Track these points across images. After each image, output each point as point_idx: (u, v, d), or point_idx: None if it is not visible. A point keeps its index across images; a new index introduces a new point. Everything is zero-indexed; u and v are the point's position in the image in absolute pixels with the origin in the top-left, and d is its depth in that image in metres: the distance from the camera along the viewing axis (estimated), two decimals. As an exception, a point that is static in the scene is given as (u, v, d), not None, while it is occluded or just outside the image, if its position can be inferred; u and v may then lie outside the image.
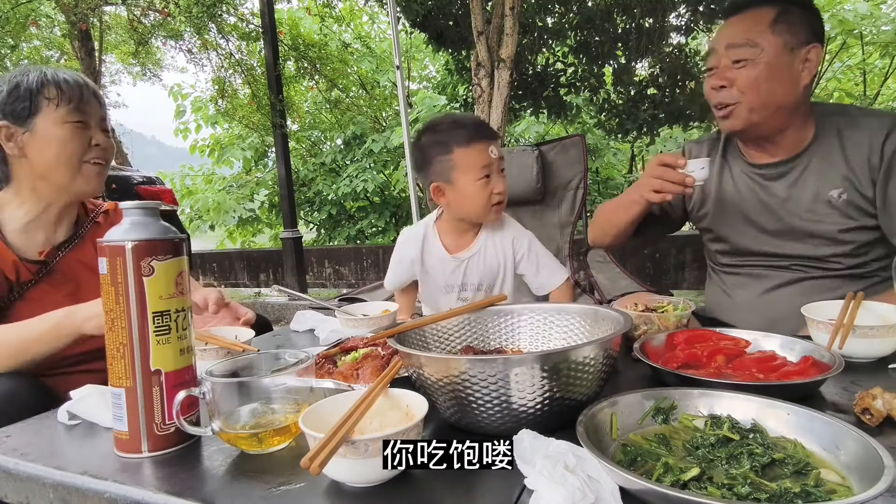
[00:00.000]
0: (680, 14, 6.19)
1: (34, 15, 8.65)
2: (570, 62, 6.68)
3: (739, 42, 1.26)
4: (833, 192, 1.30)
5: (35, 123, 1.22)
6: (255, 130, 9.13)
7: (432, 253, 1.48)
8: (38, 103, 1.22)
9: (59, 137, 1.23)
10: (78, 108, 1.25)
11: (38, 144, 1.22)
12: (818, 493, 0.54)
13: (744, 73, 1.27)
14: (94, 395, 0.86)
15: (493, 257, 1.46)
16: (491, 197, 1.35)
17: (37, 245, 1.28)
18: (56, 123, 1.23)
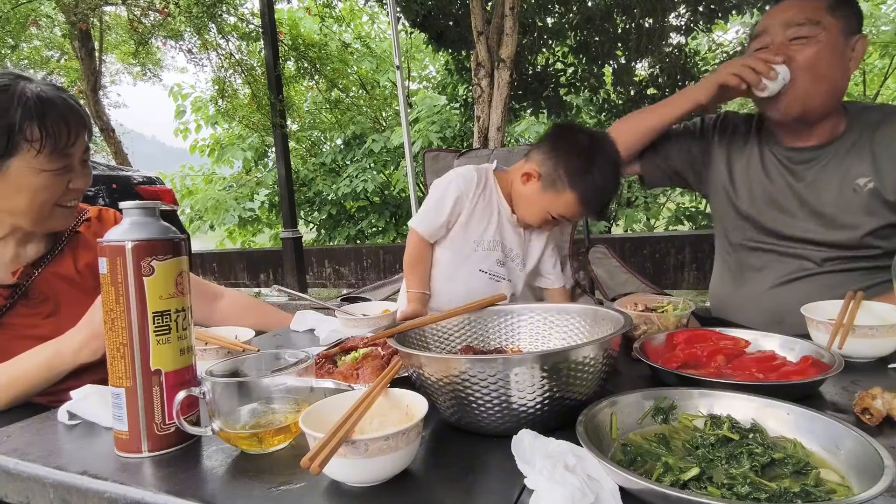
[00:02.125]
0: (680, 14, 6.19)
1: (34, 15, 8.66)
2: (570, 62, 6.69)
3: (800, 20, 1.24)
4: (860, 179, 1.31)
5: (8, 165, 1.03)
6: (255, 130, 9.14)
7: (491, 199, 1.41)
8: (17, 144, 1.02)
9: (33, 187, 1.06)
10: (61, 152, 1.07)
11: (7, 188, 1.05)
12: (818, 492, 0.54)
13: (803, 50, 1.24)
14: (94, 395, 0.86)
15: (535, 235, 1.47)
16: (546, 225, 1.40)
17: (5, 265, 1.14)
18: (32, 171, 1.05)
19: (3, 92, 1.03)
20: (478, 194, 1.39)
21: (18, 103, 1.02)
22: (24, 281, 1.15)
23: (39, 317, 1.15)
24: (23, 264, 1.16)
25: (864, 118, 1.34)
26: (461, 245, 1.40)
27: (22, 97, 1.03)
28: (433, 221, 1.39)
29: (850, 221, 1.32)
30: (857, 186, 1.31)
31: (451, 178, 1.40)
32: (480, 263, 1.39)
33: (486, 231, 1.39)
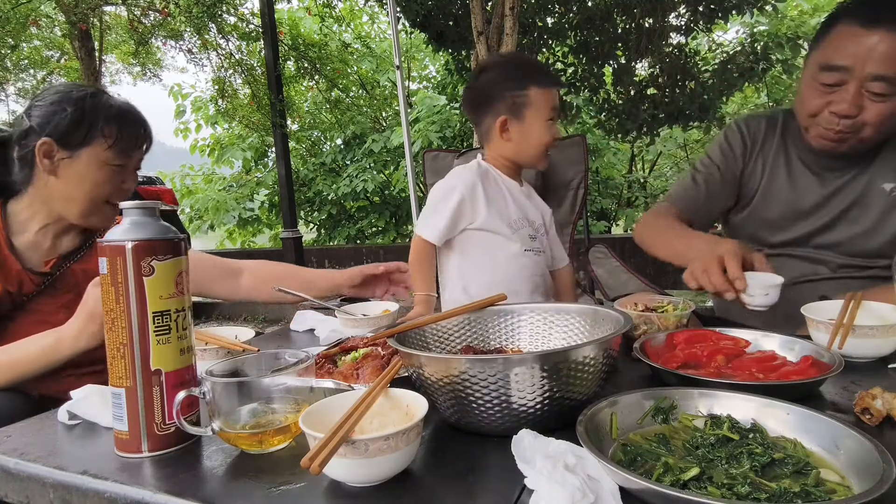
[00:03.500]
0: (680, 14, 6.19)
1: (34, 15, 8.66)
2: (570, 62, 6.68)
3: (890, 75, 1.09)
4: (887, 185, 1.25)
5: (80, 154, 1.18)
6: (255, 130, 9.14)
7: (499, 184, 1.41)
8: (93, 137, 1.18)
9: (96, 178, 1.20)
10: (127, 153, 1.22)
11: (72, 175, 1.19)
12: (818, 492, 0.54)
13: (877, 107, 1.13)
14: (94, 394, 0.86)
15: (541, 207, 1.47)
16: (552, 140, 1.36)
17: (41, 254, 1.25)
18: (99, 164, 1.19)
19: (94, 97, 1.20)
20: (485, 186, 1.39)
21: (105, 107, 1.19)
22: (54, 271, 1.26)
23: (59, 304, 1.22)
24: (56, 255, 1.26)
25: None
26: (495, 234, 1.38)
27: (108, 103, 1.20)
28: (436, 225, 1.37)
29: (871, 226, 1.28)
30: (883, 191, 1.25)
31: (454, 183, 1.39)
32: (524, 245, 1.40)
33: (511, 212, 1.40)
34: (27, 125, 1.18)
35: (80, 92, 1.20)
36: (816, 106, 1.20)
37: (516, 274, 1.38)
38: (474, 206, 1.37)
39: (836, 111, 1.16)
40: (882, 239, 1.29)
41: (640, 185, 9.95)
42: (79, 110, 1.17)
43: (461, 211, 1.36)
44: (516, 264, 1.38)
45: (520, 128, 1.35)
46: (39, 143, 1.16)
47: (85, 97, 1.18)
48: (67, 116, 1.16)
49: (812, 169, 1.35)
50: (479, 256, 1.40)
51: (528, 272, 1.38)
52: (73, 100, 1.17)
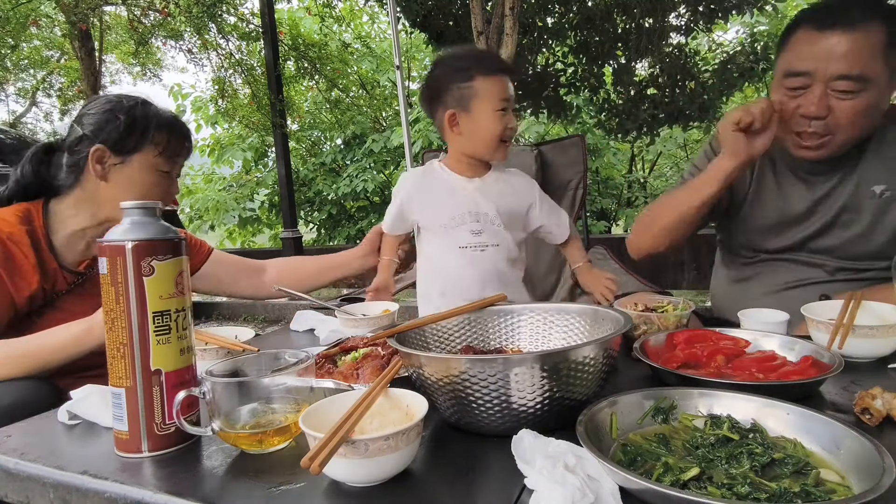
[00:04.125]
0: (680, 14, 6.19)
1: (34, 15, 8.66)
2: (570, 62, 6.68)
3: (852, 74, 1.11)
4: (876, 187, 1.25)
5: (132, 160, 1.23)
6: (255, 130, 9.13)
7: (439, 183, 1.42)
8: (145, 143, 1.23)
9: (146, 182, 1.25)
10: (174, 159, 1.29)
11: (123, 179, 1.23)
12: (818, 492, 0.54)
13: (847, 105, 1.14)
14: (95, 394, 0.86)
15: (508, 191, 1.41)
16: (505, 131, 1.33)
17: (77, 254, 1.29)
18: (149, 169, 1.25)
19: (144, 106, 1.26)
20: (423, 188, 1.41)
21: (155, 115, 1.26)
22: (87, 271, 1.31)
23: (88, 304, 1.23)
24: (91, 256, 1.31)
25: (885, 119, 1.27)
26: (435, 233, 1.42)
27: (158, 112, 1.27)
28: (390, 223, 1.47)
29: (865, 230, 1.28)
30: (873, 193, 1.26)
31: (397, 188, 1.46)
32: (459, 242, 1.38)
33: (447, 210, 1.39)
34: (79, 133, 1.22)
35: (131, 101, 1.25)
36: (786, 111, 1.21)
37: (459, 271, 1.38)
38: (412, 209, 1.43)
39: (805, 113, 1.18)
40: (878, 241, 1.29)
41: (640, 185, 9.95)
42: (131, 118, 1.22)
43: (401, 213, 1.44)
44: (456, 262, 1.38)
45: (468, 120, 1.33)
46: (93, 150, 1.20)
47: (136, 106, 1.24)
48: (121, 124, 1.21)
49: (798, 175, 1.36)
50: (426, 254, 1.45)
51: (475, 268, 1.36)
52: (125, 108, 1.23)
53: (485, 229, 1.37)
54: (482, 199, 1.37)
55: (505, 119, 1.32)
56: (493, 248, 1.38)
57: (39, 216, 1.25)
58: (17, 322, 1.19)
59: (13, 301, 1.17)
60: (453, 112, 1.34)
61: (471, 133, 1.34)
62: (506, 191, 1.40)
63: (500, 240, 1.38)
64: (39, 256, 1.22)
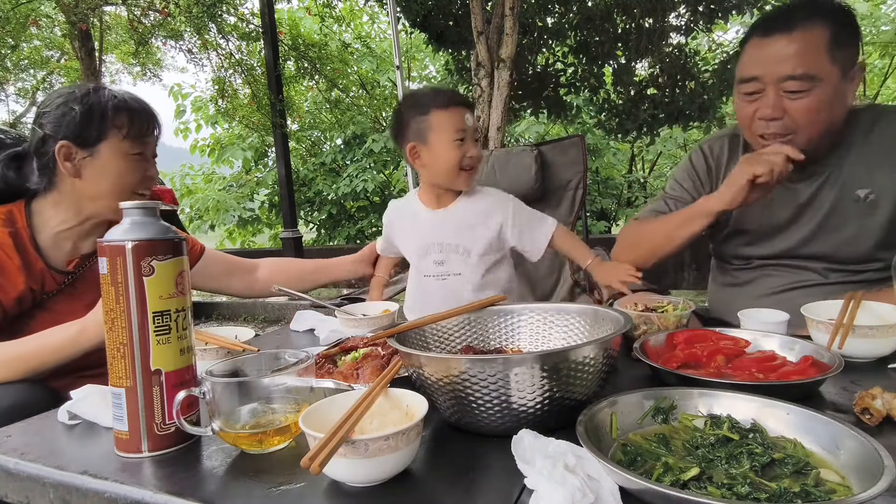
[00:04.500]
0: (680, 14, 6.19)
1: (34, 15, 8.66)
2: (570, 62, 6.68)
3: (796, 74, 1.14)
4: (860, 191, 1.27)
5: (99, 150, 1.20)
6: (255, 130, 9.14)
7: (411, 213, 1.49)
8: (107, 130, 1.20)
9: (119, 169, 1.21)
10: (142, 139, 1.24)
11: (95, 171, 1.21)
12: (818, 492, 0.54)
13: (801, 104, 1.16)
14: (94, 394, 0.86)
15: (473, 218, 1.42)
16: (463, 160, 1.36)
17: (64, 253, 1.27)
18: (119, 155, 1.21)
19: (96, 92, 1.22)
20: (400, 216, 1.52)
21: (109, 98, 1.21)
22: (76, 271, 1.29)
23: (82, 303, 1.23)
24: (79, 255, 1.29)
25: (857, 123, 1.29)
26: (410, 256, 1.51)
27: (112, 94, 1.22)
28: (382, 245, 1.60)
29: (853, 234, 1.28)
30: (857, 197, 1.27)
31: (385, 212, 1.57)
32: (424, 271, 1.45)
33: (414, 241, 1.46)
34: (41, 134, 1.19)
35: (82, 90, 1.21)
36: (747, 116, 1.25)
37: (424, 298, 1.48)
38: (394, 235, 1.54)
39: (761, 116, 1.21)
40: (866, 245, 1.29)
41: (640, 185, 9.95)
42: (86, 106, 1.18)
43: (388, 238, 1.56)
44: (422, 289, 1.47)
45: (427, 151, 1.38)
46: (58, 147, 1.17)
47: (88, 93, 1.20)
48: (77, 115, 1.18)
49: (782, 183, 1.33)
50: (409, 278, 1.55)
51: (437, 297, 1.43)
52: (78, 98, 1.19)
53: (447, 259, 1.42)
54: (444, 230, 1.42)
55: (463, 148, 1.36)
56: (455, 277, 1.42)
57: (23, 217, 1.23)
58: (7, 325, 1.18)
59: (1, 304, 1.16)
60: (413, 145, 1.39)
61: (431, 164, 1.39)
62: (471, 218, 1.42)
63: (463, 269, 1.41)
64: (24, 258, 1.20)
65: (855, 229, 1.29)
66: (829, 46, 1.14)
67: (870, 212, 1.27)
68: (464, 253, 1.41)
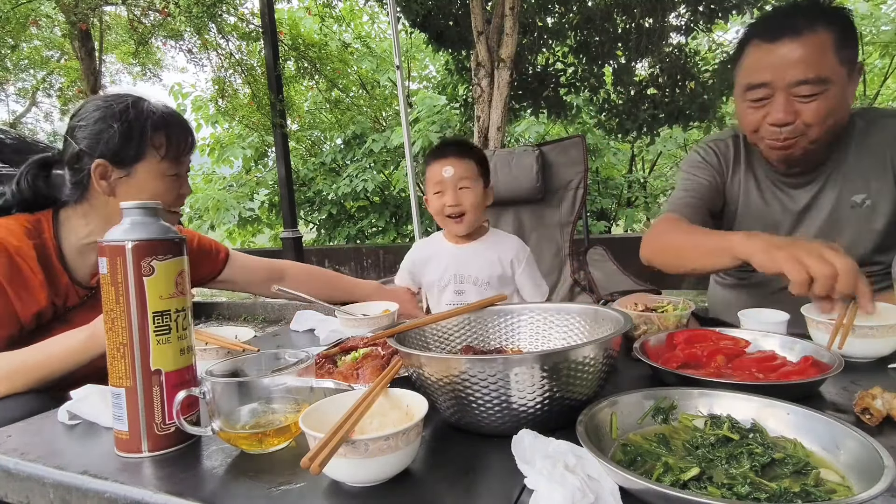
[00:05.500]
0: (680, 14, 6.19)
1: (34, 15, 8.65)
2: (570, 62, 6.68)
3: (809, 78, 1.14)
4: (856, 197, 1.27)
5: (136, 170, 1.17)
6: (255, 130, 9.13)
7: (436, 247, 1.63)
8: (145, 150, 1.17)
9: (155, 190, 1.19)
10: (179, 159, 1.22)
11: (130, 190, 1.18)
12: (818, 492, 0.54)
13: (812, 107, 1.16)
14: (94, 394, 0.86)
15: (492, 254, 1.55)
16: (443, 209, 1.51)
17: (87, 266, 1.24)
18: (156, 175, 1.19)
19: (135, 106, 1.17)
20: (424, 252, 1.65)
21: (149, 115, 1.17)
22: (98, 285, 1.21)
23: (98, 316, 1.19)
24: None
25: (852, 128, 1.29)
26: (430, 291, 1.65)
27: (151, 110, 1.18)
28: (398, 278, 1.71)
29: (850, 240, 1.28)
30: (854, 203, 1.28)
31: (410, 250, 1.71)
32: (444, 300, 1.58)
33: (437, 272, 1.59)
34: (76, 149, 1.16)
35: (121, 104, 1.17)
36: (755, 122, 1.23)
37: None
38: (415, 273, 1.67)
39: (773, 122, 1.20)
40: (865, 249, 1.29)
41: (640, 185, 9.94)
42: (125, 124, 1.15)
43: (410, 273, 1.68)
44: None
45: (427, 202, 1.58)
46: (94, 166, 1.15)
47: (127, 109, 1.16)
48: (116, 133, 1.14)
49: (779, 186, 1.38)
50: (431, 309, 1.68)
51: None
52: (117, 114, 1.15)
53: (466, 289, 1.54)
54: (464, 263, 1.55)
55: (442, 200, 1.51)
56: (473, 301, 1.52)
57: (50, 226, 1.20)
58: (22, 338, 1.14)
59: (18, 318, 1.13)
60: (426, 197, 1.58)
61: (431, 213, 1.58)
62: (490, 256, 1.55)
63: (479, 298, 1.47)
64: (48, 272, 1.17)
65: (853, 235, 1.29)
66: (835, 48, 1.14)
67: (867, 217, 1.28)
68: (483, 285, 1.54)
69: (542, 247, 2.32)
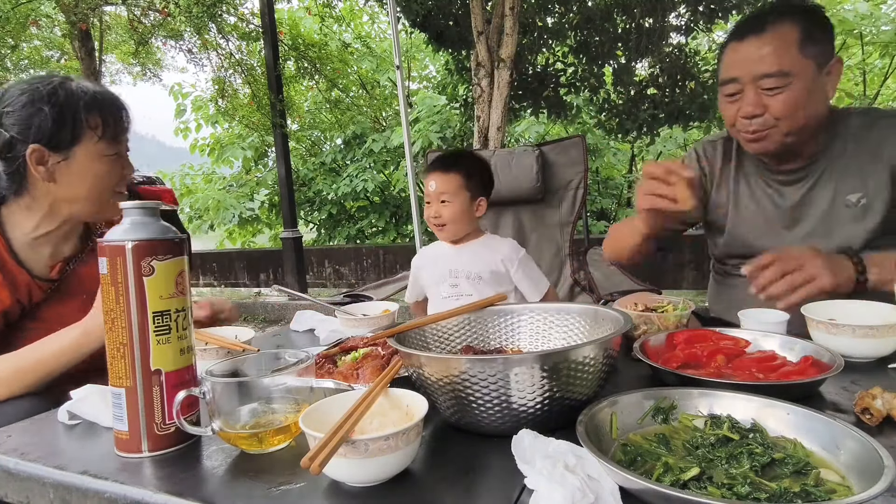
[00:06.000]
0: (680, 14, 6.19)
1: (34, 15, 8.65)
2: (570, 62, 6.68)
3: (770, 71, 1.20)
4: (851, 196, 1.29)
5: (74, 153, 1.12)
6: (255, 130, 9.13)
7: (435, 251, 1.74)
8: (81, 132, 1.12)
9: (97, 172, 1.15)
10: (117, 138, 1.17)
11: (71, 175, 1.13)
12: (818, 492, 0.54)
13: (779, 99, 1.21)
14: (94, 394, 0.86)
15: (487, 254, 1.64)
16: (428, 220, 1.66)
17: (45, 259, 1.21)
18: (95, 157, 1.14)
19: (63, 87, 1.12)
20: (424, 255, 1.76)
21: (80, 95, 1.12)
22: (60, 276, 1.22)
23: (72, 307, 1.18)
24: (61, 259, 1.23)
25: (849, 126, 1.31)
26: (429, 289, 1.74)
27: (82, 91, 1.13)
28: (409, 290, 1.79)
29: (846, 238, 1.30)
30: (848, 202, 1.29)
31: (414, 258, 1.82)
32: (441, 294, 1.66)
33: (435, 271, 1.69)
34: (7, 136, 1.10)
35: (48, 86, 1.11)
36: (730, 116, 1.30)
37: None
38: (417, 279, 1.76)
39: (743, 115, 1.27)
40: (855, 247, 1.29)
41: (640, 185, 9.94)
42: (56, 106, 1.10)
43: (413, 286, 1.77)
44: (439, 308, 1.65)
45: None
46: (29, 152, 1.09)
47: (55, 90, 1.11)
48: (48, 116, 1.09)
49: (769, 183, 1.40)
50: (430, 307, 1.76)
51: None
52: (45, 96, 1.09)
53: (460, 283, 1.63)
54: (460, 259, 1.65)
55: (427, 211, 1.65)
56: (467, 297, 1.59)
57: None
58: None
59: None
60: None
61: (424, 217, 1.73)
62: (482, 254, 1.65)
63: (475, 292, 1.60)
64: (5, 271, 1.14)
65: (847, 234, 1.30)
66: (800, 43, 1.20)
67: (862, 216, 1.29)
68: (474, 278, 1.62)
69: (542, 247, 2.32)
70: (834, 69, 1.25)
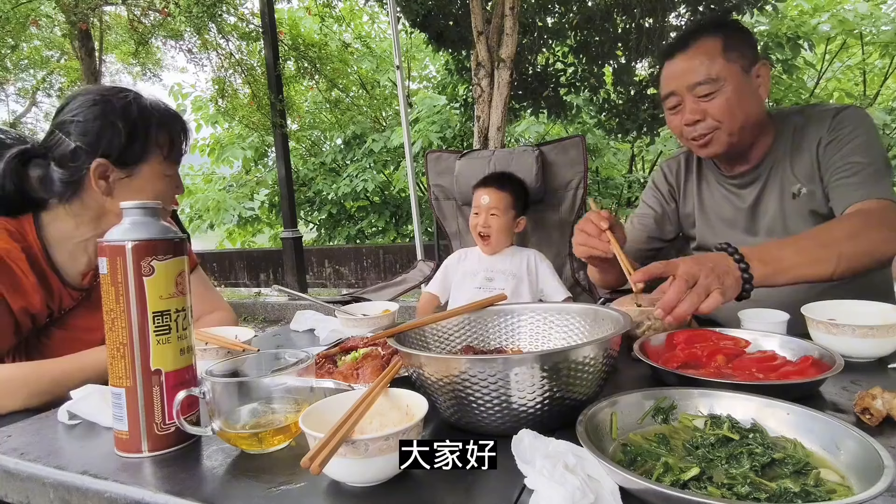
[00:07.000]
0: (680, 14, 6.19)
1: (34, 15, 8.65)
2: (570, 62, 6.68)
3: (701, 80, 1.31)
4: (794, 187, 1.38)
5: (140, 170, 1.11)
6: (255, 130, 9.14)
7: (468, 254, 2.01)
8: (149, 151, 1.11)
9: (155, 191, 1.14)
10: (177, 160, 1.17)
11: (130, 191, 1.12)
12: (818, 492, 0.54)
13: (714, 103, 1.32)
14: (95, 394, 0.86)
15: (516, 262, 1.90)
16: (476, 227, 1.88)
17: (79, 266, 1.18)
18: (158, 176, 1.14)
19: (137, 102, 1.11)
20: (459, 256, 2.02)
21: (153, 114, 1.13)
22: (91, 285, 1.21)
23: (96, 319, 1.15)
24: (93, 268, 1.20)
25: (789, 124, 1.40)
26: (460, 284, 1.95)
27: (154, 109, 1.14)
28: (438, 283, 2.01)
29: (800, 228, 1.35)
30: (794, 192, 1.37)
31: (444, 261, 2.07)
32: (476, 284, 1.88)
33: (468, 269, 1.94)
34: (71, 146, 1.08)
35: (121, 100, 1.10)
36: (676, 127, 1.42)
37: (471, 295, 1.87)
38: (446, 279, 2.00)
39: (686, 122, 1.38)
40: None
41: (640, 185, 9.94)
42: (130, 123, 1.09)
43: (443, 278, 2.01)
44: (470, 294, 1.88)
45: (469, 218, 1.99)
46: (95, 166, 1.08)
47: (129, 105, 1.10)
48: (121, 132, 1.08)
49: (727, 188, 1.50)
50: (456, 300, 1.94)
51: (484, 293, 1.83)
52: (119, 111, 1.09)
53: (495, 277, 1.87)
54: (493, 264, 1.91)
55: (477, 220, 1.88)
56: (499, 289, 1.78)
57: (33, 231, 1.13)
58: (23, 343, 1.11)
59: (16, 320, 1.08)
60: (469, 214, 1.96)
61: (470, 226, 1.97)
62: (515, 261, 1.90)
63: (507, 287, 1.82)
64: (41, 276, 1.12)
65: (801, 222, 1.37)
66: (723, 51, 1.31)
67: (808, 203, 1.36)
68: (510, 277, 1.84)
69: (542, 247, 2.32)
70: (762, 72, 1.36)
